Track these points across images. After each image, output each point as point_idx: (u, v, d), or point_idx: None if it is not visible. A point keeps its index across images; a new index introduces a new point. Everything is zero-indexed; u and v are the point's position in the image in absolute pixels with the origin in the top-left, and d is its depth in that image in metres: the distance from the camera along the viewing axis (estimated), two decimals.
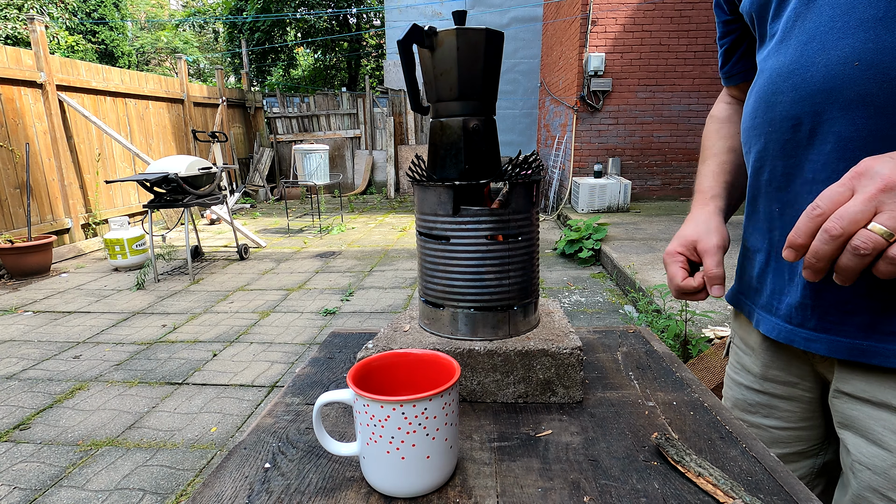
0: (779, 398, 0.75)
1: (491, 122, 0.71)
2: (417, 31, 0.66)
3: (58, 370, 2.88)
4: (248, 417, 2.36)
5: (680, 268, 0.72)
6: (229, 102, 9.43)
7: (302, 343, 3.20)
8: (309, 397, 0.73)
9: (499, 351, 0.68)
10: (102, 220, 6.27)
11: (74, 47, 13.10)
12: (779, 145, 0.64)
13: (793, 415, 0.74)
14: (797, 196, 0.63)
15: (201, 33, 20.32)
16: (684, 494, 0.50)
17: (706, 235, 0.71)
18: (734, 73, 0.85)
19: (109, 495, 1.84)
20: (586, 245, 4.86)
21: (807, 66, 0.59)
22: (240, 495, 0.51)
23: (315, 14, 14.86)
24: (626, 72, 6.71)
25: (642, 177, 7.09)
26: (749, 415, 0.79)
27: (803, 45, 0.60)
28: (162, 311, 3.85)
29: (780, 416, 0.75)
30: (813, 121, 0.59)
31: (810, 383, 0.71)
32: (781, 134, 0.63)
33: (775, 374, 0.74)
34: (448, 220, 0.68)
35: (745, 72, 0.83)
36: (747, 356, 0.79)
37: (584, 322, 3.43)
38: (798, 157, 0.62)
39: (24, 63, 5.33)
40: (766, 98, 0.65)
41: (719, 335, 2.52)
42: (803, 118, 0.60)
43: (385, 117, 9.85)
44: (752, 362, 0.78)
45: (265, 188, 9.63)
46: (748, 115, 0.71)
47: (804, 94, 0.59)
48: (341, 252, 5.64)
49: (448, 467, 0.52)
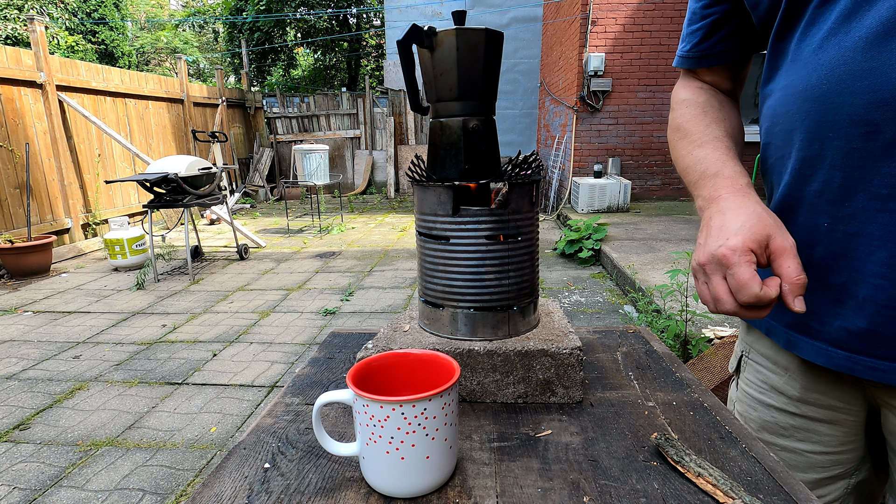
0: (818, 422, 0.69)
1: (491, 122, 0.71)
2: (417, 31, 0.66)
3: (58, 370, 2.88)
4: (248, 417, 2.36)
5: (754, 271, 0.52)
6: (229, 102, 9.42)
7: (302, 343, 3.20)
8: (309, 397, 0.73)
9: (498, 351, 0.68)
10: (102, 220, 6.27)
11: (74, 47, 13.10)
12: (841, 154, 0.56)
13: (833, 439, 0.68)
14: (857, 212, 0.56)
15: (201, 33, 20.32)
16: (684, 494, 0.50)
17: (780, 231, 0.54)
18: (715, 53, 0.74)
19: (109, 495, 1.84)
20: (586, 245, 4.86)
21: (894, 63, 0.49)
22: (239, 495, 0.51)
23: (315, 14, 14.86)
24: (626, 72, 6.71)
25: (642, 177, 7.09)
26: (781, 438, 0.72)
27: (886, 35, 0.49)
28: (162, 311, 3.85)
29: (819, 441, 0.69)
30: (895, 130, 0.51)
31: (857, 407, 0.66)
32: (847, 141, 0.55)
33: (815, 397, 0.68)
34: (448, 220, 0.68)
35: (728, 52, 0.73)
36: (778, 376, 0.72)
37: (583, 322, 3.43)
38: (865, 169, 0.54)
39: (24, 63, 5.33)
40: (822, 97, 0.56)
41: (719, 335, 2.52)
42: (882, 125, 0.51)
43: (385, 117, 9.85)
44: (786, 384, 0.71)
45: (265, 188, 9.63)
46: (782, 113, 0.62)
47: (887, 98, 0.50)
48: (341, 252, 5.64)
49: (448, 467, 0.52)
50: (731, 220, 0.56)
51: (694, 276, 0.59)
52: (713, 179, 0.63)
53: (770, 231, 0.54)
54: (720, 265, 0.54)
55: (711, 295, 0.55)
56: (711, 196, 0.61)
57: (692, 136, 0.71)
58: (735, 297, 0.53)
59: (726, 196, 0.60)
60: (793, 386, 0.70)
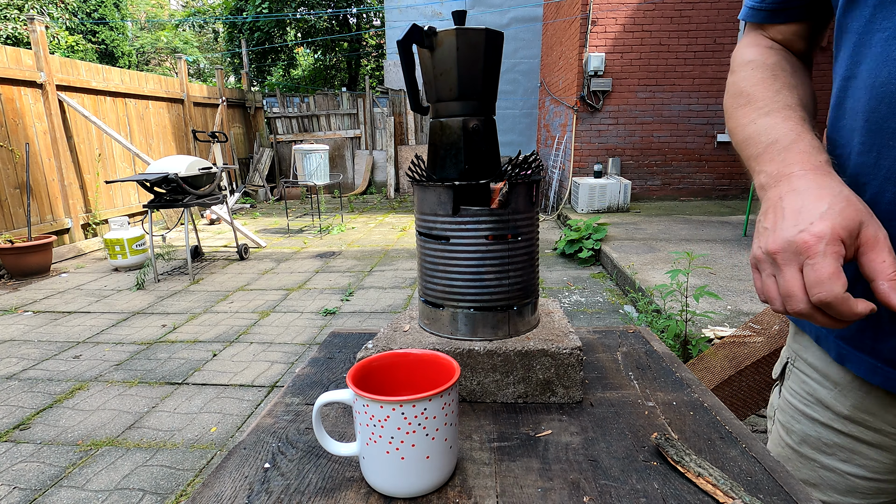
0: (866, 444, 0.63)
1: (491, 122, 0.71)
2: (417, 31, 0.66)
3: (58, 370, 2.88)
4: (248, 417, 2.36)
5: (840, 266, 0.43)
6: (229, 102, 9.42)
7: (302, 343, 3.20)
8: (309, 397, 0.73)
9: (499, 351, 0.68)
10: (102, 220, 6.27)
11: (74, 47, 13.10)
12: None
13: (880, 465, 0.63)
14: None
15: (201, 33, 20.32)
16: (684, 494, 0.50)
17: (871, 218, 0.45)
18: (791, 7, 0.63)
19: (109, 495, 1.84)
20: (586, 245, 4.86)
21: None
22: (239, 495, 0.51)
23: (315, 14, 14.86)
24: (626, 72, 6.71)
25: (642, 177, 7.09)
26: (822, 455, 0.67)
27: None
28: (162, 311, 3.85)
29: (864, 465, 0.64)
30: None
31: None
32: None
33: (865, 417, 0.62)
34: (448, 220, 0.68)
35: (804, 7, 0.63)
36: (827, 391, 0.66)
37: (583, 322, 3.43)
38: None
39: (24, 63, 5.33)
40: (889, 98, 0.49)
41: (719, 335, 2.52)
42: None
43: (385, 117, 9.85)
44: (834, 399, 0.65)
45: (265, 188, 9.63)
46: (848, 108, 0.55)
47: None
48: (341, 252, 5.64)
49: (448, 467, 0.52)
50: (812, 201, 0.46)
51: (754, 268, 0.50)
52: (784, 153, 0.52)
53: (862, 217, 0.45)
54: (797, 254, 0.44)
55: (782, 290, 0.46)
56: (781, 172, 0.51)
57: (757, 103, 0.60)
58: (808, 295, 0.44)
59: (800, 173, 0.49)
60: (842, 402, 0.64)
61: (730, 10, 6.42)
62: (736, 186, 7.04)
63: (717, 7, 6.43)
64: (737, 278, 3.63)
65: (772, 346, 1.67)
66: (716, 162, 6.97)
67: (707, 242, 4.75)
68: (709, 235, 5.03)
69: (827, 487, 0.67)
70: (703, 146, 6.93)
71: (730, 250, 4.43)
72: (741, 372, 1.72)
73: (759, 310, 2.88)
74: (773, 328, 1.72)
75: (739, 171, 6.95)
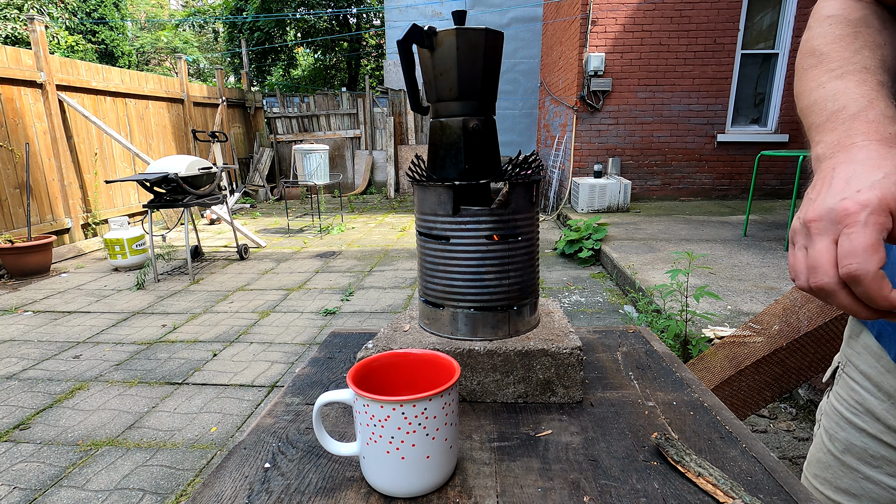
0: None
1: (491, 122, 0.71)
2: (417, 31, 0.66)
3: (58, 370, 2.88)
4: (248, 417, 2.36)
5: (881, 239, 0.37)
6: (229, 102, 9.42)
7: (302, 343, 3.20)
8: (309, 397, 0.73)
9: (499, 351, 0.68)
10: (102, 220, 6.27)
11: (74, 47, 13.10)
12: None
13: None
14: None
15: (201, 33, 20.32)
16: (684, 494, 0.50)
17: None
18: None
19: (109, 495, 1.84)
20: (586, 245, 4.86)
21: None
22: (240, 495, 0.51)
23: (315, 14, 14.86)
24: (626, 72, 6.71)
25: (642, 177, 7.09)
26: (867, 467, 0.64)
27: None
28: (162, 310, 3.85)
29: None
30: None
31: None
32: None
33: None
34: (448, 220, 0.68)
35: None
36: (878, 401, 0.62)
37: (584, 322, 3.43)
38: None
39: (24, 63, 5.32)
40: None
41: (719, 335, 2.53)
42: None
43: (385, 117, 9.85)
44: (886, 411, 0.61)
45: (265, 188, 9.63)
46: None
47: None
48: (341, 252, 5.64)
49: (448, 467, 0.52)
50: (867, 170, 0.40)
51: (791, 241, 0.44)
52: (849, 121, 0.46)
53: None
54: (835, 223, 0.39)
55: (809, 261, 0.40)
56: (841, 143, 0.44)
57: (830, 63, 0.53)
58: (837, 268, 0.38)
59: (862, 143, 0.43)
60: (894, 415, 0.60)
61: (730, 11, 6.42)
62: (736, 186, 7.04)
63: (717, 7, 6.43)
64: (737, 278, 3.63)
65: (772, 346, 1.67)
66: (716, 162, 6.97)
67: (707, 242, 4.75)
68: (709, 235, 5.03)
69: (868, 499, 0.65)
70: (703, 146, 6.92)
71: (730, 250, 4.43)
72: (741, 372, 1.72)
73: (760, 310, 2.88)
74: (773, 328, 1.72)
75: (739, 170, 6.96)
